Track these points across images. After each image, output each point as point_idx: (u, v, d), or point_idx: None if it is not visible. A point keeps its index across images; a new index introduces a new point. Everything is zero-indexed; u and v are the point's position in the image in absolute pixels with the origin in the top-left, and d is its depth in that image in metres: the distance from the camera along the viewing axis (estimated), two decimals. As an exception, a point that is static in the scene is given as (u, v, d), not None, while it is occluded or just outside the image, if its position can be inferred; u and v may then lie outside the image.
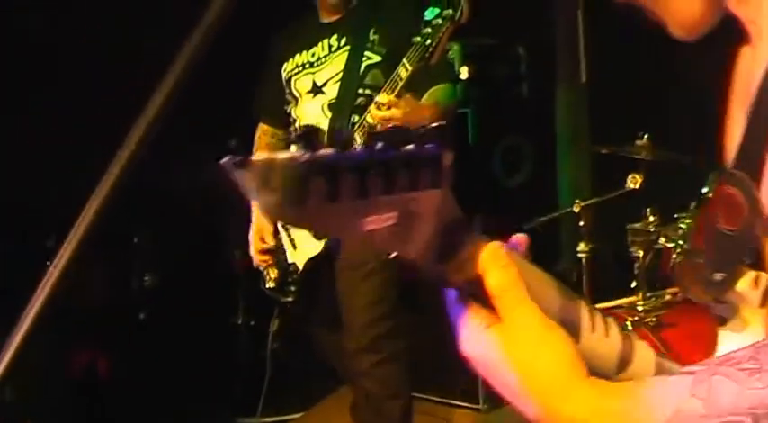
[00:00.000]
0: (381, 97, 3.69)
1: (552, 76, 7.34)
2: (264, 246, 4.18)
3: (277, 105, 4.21)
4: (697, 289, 3.60)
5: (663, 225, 4.05)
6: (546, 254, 6.19)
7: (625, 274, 4.49)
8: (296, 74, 4.13)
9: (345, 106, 3.98)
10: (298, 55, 4.13)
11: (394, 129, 3.74)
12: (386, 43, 4.01)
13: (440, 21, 3.54)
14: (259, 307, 6.04)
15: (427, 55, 3.55)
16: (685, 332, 3.86)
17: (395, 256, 1.08)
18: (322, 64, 4.08)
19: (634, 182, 4.27)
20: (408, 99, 3.73)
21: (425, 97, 3.90)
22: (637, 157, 4.30)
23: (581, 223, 4.52)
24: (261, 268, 4.26)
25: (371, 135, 3.75)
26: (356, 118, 3.90)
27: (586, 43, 7.23)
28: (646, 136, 4.35)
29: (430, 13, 3.57)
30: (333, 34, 4.08)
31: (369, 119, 3.74)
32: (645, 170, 4.31)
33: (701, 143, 4.67)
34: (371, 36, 4.03)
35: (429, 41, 3.54)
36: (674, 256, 3.83)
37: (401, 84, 3.64)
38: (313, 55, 4.11)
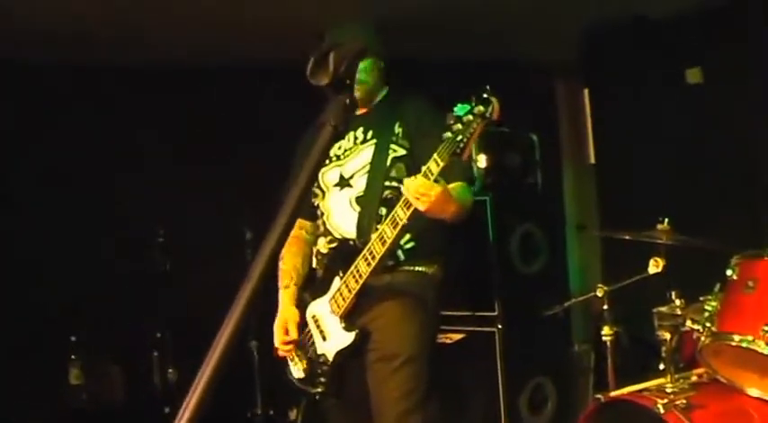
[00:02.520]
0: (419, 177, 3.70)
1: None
2: (288, 337, 4.20)
3: (306, 198, 4.25)
4: (725, 368, 3.61)
5: (688, 308, 4.10)
6: (563, 337, 6.28)
7: (648, 356, 4.54)
8: (323, 166, 4.17)
9: (374, 199, 4.03)
10: (324, 148, 4.18)
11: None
12: (410, 137, 4.08)
13: (471, 117, 3.59)
14: (278, 398, 6.08)
15: (458, 150, 3.59)
16: (716, 412, 3.89)
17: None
18: (348, 156, 4.13)
19: (656, 265, 4.34)
20: (444, 185, 3.73)
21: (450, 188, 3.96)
22: (659, 241, 4.37)
23: (604, 307, 4.57)
24: (288, 359, 4.28)
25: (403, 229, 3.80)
26: (384, 211, 3.95)
27: (594, 123, 7.33)
28: (666, 220, 4.43)
29: (460, 110, 3.61)
30: (359, 127, 4.15)
31: (399, 211, 3.77)
32: (666, 254, 4.38)
33: (719, 226, 4.77)
34: (396, 129, 4.10)
35: (460, 137, 3.57)
36: (702, 338, 3.89)
37: (432, 178, 3.66)
38: (339, 147, 4.16)
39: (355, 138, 4.15)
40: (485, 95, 3.63)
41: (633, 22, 6.38)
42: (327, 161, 4.16)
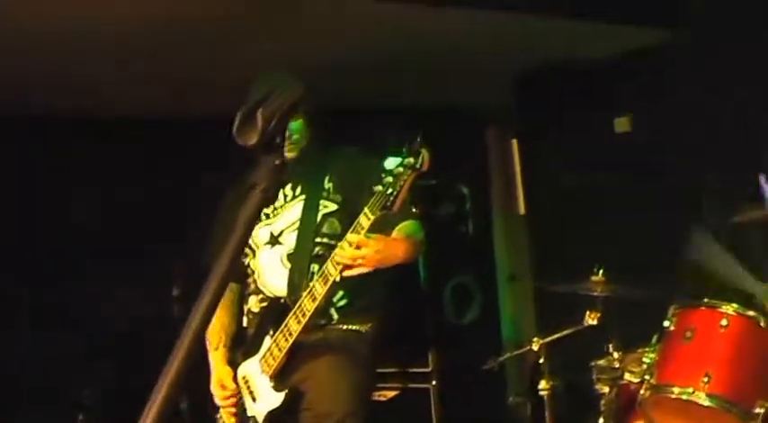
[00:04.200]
0: (350, 237, 3.66)
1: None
2: (227, 392, 4.08)
3: None
4: (666, 420, 3.56)
5: (625, 359, 4.07)
6: (497, 390, 6.22)
7: (586, 408, 4.49)
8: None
9: (304, 256, 3.95)
10: (253, 206, 4.08)
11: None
12: (341, 191, 4.02)
13: (401, 169, 3.55)
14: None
15: (389, 203, 3.54)
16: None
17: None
18: (277, 214, 4.05)
19: (593, 318, 4.31)
20: (379, 237, 3.70)
21: (394, 233, 3.90)
22: (594, 293, 4.34)
23: (540, 361, 4.52)
24: (217, 419, 4.16)
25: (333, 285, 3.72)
26: (315, 267, 3.87)
27: (523, 173, 7.32)
28: (601, 271, 4.40)
29: (390, 163, 3.58)
30: (287, 184, 4.07)
31: (330, 268, 3.70)
32: (601, 305, 4.35)
33: (655, 276, 4.75)
34: (326, 184, 4.03)
35: (390, 190, 3.53)
36: (641, 391, 3.84)
37: (362, 232, 3.62)
38: (268, 205, 4.08)
39: (284, 195, 4.07)
40: (415, 147, 3.58)
41: (564, 69, 6.39)
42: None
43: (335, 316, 3.96)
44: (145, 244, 6.19)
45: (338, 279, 3.70)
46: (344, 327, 3.98)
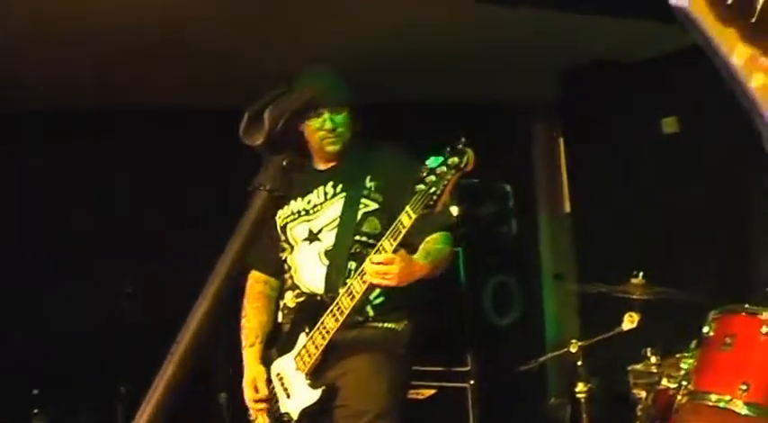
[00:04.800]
0: (385, 244, 3.66)
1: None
2: (258, 395, 4.08)
3: (271, 253, 4.15)
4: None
5: (663, 365, 4.03)
6: (537, 392, 6.18)
7: (623, 412, 4.45)
8: (291, 221, 4.08)
9: (342, 254, 3.94)
10: (293, 202, 4.09)
11: None
12: (383, 190, 4.01)
13: (444, 169, 3.51)
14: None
15: (431, 203, 3.52)
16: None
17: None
18: (317, 211, 4.05)
19: (631, 321, 4.26)
20: (403, 255, 3.69)
21: (421, 247, 3.88)
22: (633, 296, 4.30)
23: (578, 363, 4.48)
24: (251, 417, 4.16)
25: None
26: (353, 265, 3.87)
27: (569, 172, 7.26)
28: (641, 274, 4.36)
29: (434, 162, 3.54)
30: (328, 181, 4.07)
31: (356, 284, 3.73)
32: (641, 308, 4.30)
33: (698, 280, 4.69)
34: (368, 183, 4.02)
35: (433, 190, 3.51)
36: (678, 396, 3.80)
37: (404, 231, 3.60)
38: (308, 202, 4.07)
39: (325, 193, 4.07)
40: (459, 146, 3.56)
41: (611, 67, 6.33)
42: (295, 216, 4.07)
43: (371, 313, 3.95)
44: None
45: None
46: (380, 325, 3.97)
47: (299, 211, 4.08)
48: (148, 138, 6.48)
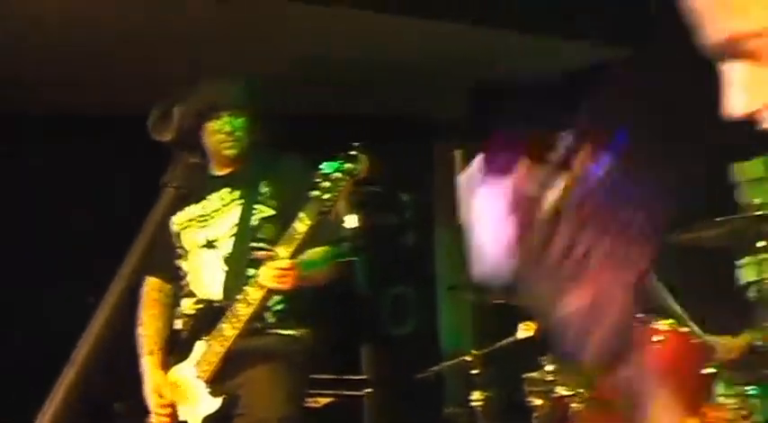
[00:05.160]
0: (280, 250, 3.65)
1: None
2: (164, 401, 4.02)
3: (166, 259, 4.10)
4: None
5: (559, 373, 4.07)
6: (434, 401, 6.20)
7: (519, 420, 4.49)
8: (187, 227, 4.04)
9: (240, 260, 3.92)
10: (189, 207, 4.05)
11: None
12: (278, 196, 3.99)
13: (339, 175, 3.52)
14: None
15: (325, 209, 3.52)
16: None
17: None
18: (214, 217, 4.01)
19: (527, 329, 4.31)
20: (297, 264, 3.69)
21: (310, 255, 3.88)
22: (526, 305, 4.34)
23: (475, 372, 4.52)
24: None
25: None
26: (251, 271, 3.83)
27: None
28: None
29: (328, 167, 3.54)
30: (225, 187, 4.04)
31: (251, 291, 3.72)
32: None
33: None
34: (263, 189, 4.00)
35: (327, 196, 3.52)
36: (574, 404, 3.86)
37: (299, 238, 3.60)
38: (203, 208, 4.04)
39: (221, 199, 4.04)
40: (353, 152, 3.57)
41: (514, 85, 6.40)
42: (190, 222, 4.03)
43: (271, 319, 3.93)
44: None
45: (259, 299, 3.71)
46: (280, 331, 3.95)
47: (195, 217, 4.05)
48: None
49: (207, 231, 4.02)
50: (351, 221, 5.78)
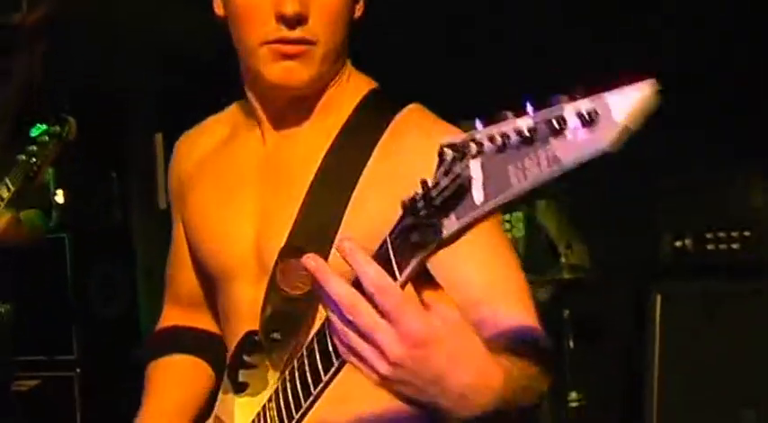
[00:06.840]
0: None
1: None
2: None
3: None
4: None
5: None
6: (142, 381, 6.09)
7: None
8: None
9: None
10: None
11: None
12: None
13: (46, 138, 3.42)
14: None
15: (32, 174, 3.41)
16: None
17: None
18: None
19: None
20: (12, 216, 3.59)
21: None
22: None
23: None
24: None
25: None
26: None
27: (167, 167, 7.13)
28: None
29: (36, 131, 3.44)
30: None
31: None
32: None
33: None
34: None
35: (34, 160, 3.40)
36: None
37: (2, 204, 3.46)
38: None
39: None
40: (63, 115, 3.48)
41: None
42: None
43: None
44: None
45: None
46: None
47: None
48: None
49: None
50: (58, 197, 5.62)
